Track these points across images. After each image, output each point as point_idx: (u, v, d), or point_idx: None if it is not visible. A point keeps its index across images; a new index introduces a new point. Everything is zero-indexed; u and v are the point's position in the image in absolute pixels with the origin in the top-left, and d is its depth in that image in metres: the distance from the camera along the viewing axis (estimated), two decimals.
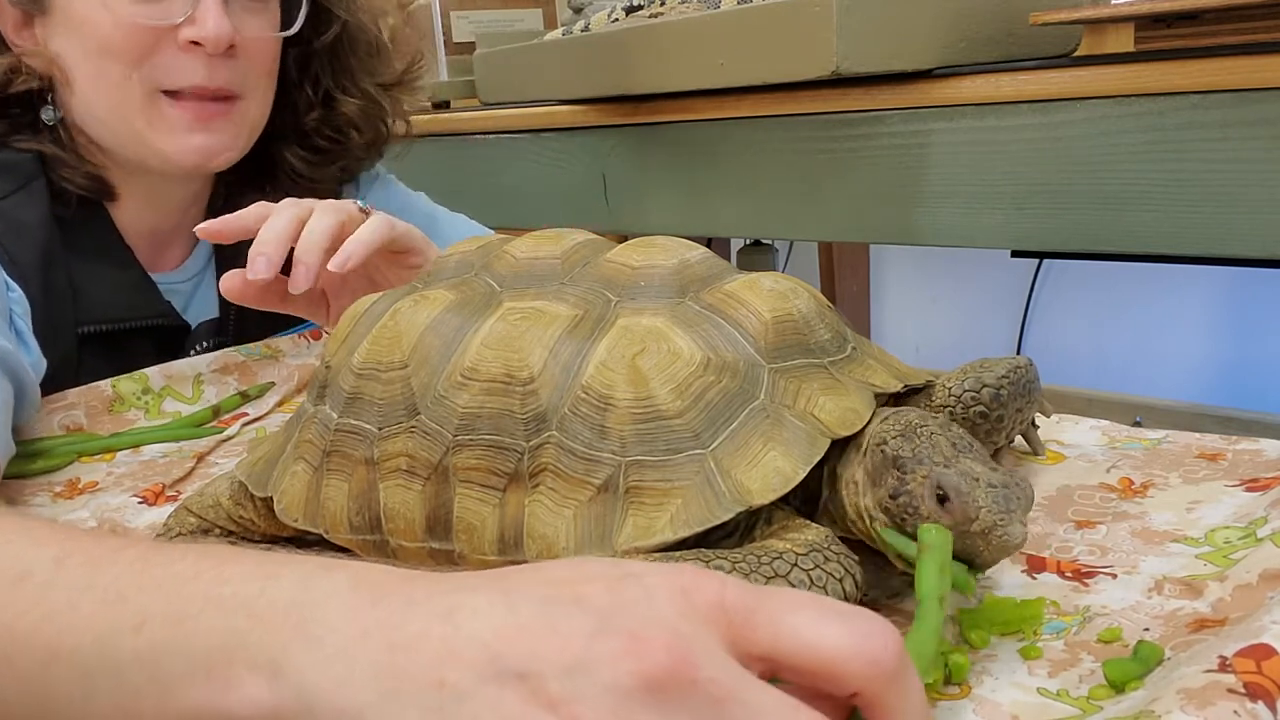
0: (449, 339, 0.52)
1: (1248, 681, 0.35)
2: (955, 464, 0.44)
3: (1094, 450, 0.65)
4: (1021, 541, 0.42)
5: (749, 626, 0.32)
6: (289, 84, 1.01)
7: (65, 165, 0.90)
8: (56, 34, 0.89)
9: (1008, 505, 0.42)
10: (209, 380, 0.90)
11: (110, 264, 0.94)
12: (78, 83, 0.89)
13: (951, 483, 0.43)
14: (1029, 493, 0.44)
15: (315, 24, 0.99)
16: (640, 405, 0.46)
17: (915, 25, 0.99)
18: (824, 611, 0.32)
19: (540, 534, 0.46)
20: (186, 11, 0.86)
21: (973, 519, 0.42)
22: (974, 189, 1.01)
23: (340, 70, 1.03)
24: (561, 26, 1.48)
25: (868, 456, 0.47)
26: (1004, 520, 0.42)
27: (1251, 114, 0.83)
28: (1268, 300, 1.63)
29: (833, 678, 0.31)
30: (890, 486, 0.45)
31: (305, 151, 1.03)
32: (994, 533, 0.42)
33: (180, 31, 0.86)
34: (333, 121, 1.03)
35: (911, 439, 0.45)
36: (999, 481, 0.43)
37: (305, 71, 1.01)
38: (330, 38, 1.00)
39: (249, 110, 0.94)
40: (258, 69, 0.93)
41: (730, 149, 1.20)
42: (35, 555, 0.38)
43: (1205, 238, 0.88)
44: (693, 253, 0.54)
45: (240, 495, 0.60)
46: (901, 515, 0.44)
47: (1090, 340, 1.83)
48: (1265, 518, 0.52)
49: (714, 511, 0.44)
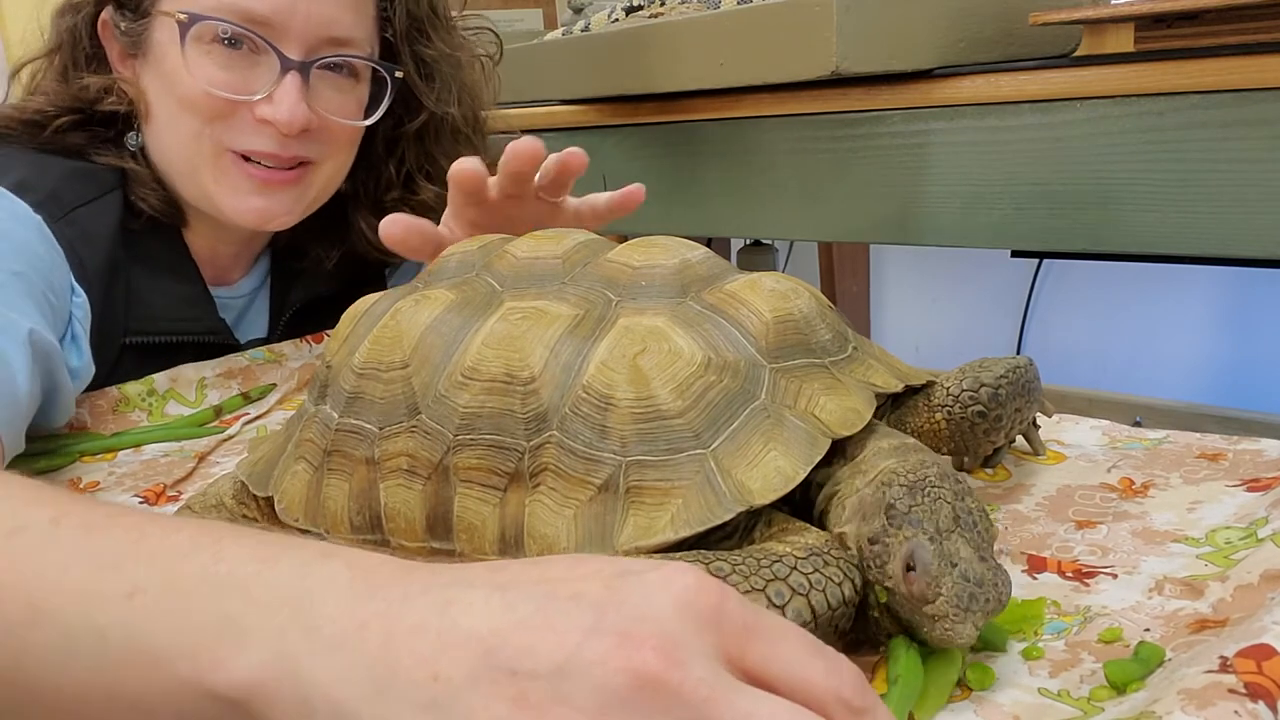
0: (450, 339, 0.52)
1: (1248, 682, 0.35)
2: (943, 541, 0.42)
3: (1094, 450, 0.65)
4: (968, 643, 0.41)
5: (744, 642, 0.32)
6: (375, 159, 1.02)
7: (143, 186, 0.92)
8: (149, 74, 0.91)
9: (969, 604, 0.41)
10: (212, 384, 0.91)
11: (174, 278, 0.95)
12: (157, 121, 0.91)
13: (924, 559, 0.41)
14: (1004, 595, 0.42)
15: (406, 109, 1.00)
16: (641, 405, 0.46)
17: (915, 25, 0.99)
18: (810, 647, 0.33)
19: (541, 534, 0.46)
20: (266, 89, 0.87)
21: (929, 601, 0.41)
22: (974, 189, 1.01)
23: (424, 155, 1.04)
24: (561, 26, 1.48)
25: (870, 489, 0.45)
26: (957, 617, 0.40)
27: (1251, 114, 0.83)
28: (1268, 300, 1.63)
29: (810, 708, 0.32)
30: (874, 530, 0.43)
31: (379, 222, 1.04)
32: (941, 623, 0.41)
33: (257, 108, 0.87)
34: (410, 202, 1.03)
35: (916, 495, 0.43)
36: (975, 576, 0.41)
37: (392, 151, 1.03)
38: (418, 125, 1.01)
39: (318, 177, 0.94)
40: (335, 142, 0.94)
41: (730, 149, 1.20)
42: (31, 513, 0.38)
43: (1205, 238, 0.88)
44: (694, 252, 0.54)
45: (243, 494, 0.60)
46: (871, 562, 0.43)
47: (1090, 340, 1.83)
48: (1266, 518, 0.52)
49: (715, 511, 0.44)
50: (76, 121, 0.92)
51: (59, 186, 0.87)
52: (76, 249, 0.85)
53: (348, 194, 1.02)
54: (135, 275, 0.91)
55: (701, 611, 0.32)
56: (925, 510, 0.43)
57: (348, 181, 1.01)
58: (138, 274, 0.92)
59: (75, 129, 0.92)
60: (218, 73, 0.86)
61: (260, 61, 0.87)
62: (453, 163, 1.02)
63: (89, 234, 0.87)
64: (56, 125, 0.91)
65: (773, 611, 0.40)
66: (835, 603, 0.41)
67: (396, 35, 0.96)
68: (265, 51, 0.86)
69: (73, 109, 0.92)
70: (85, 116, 0.92)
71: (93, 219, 0.88)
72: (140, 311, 0.92)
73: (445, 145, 1.04)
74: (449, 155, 1.03)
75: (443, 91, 1.01)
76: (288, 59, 0.86)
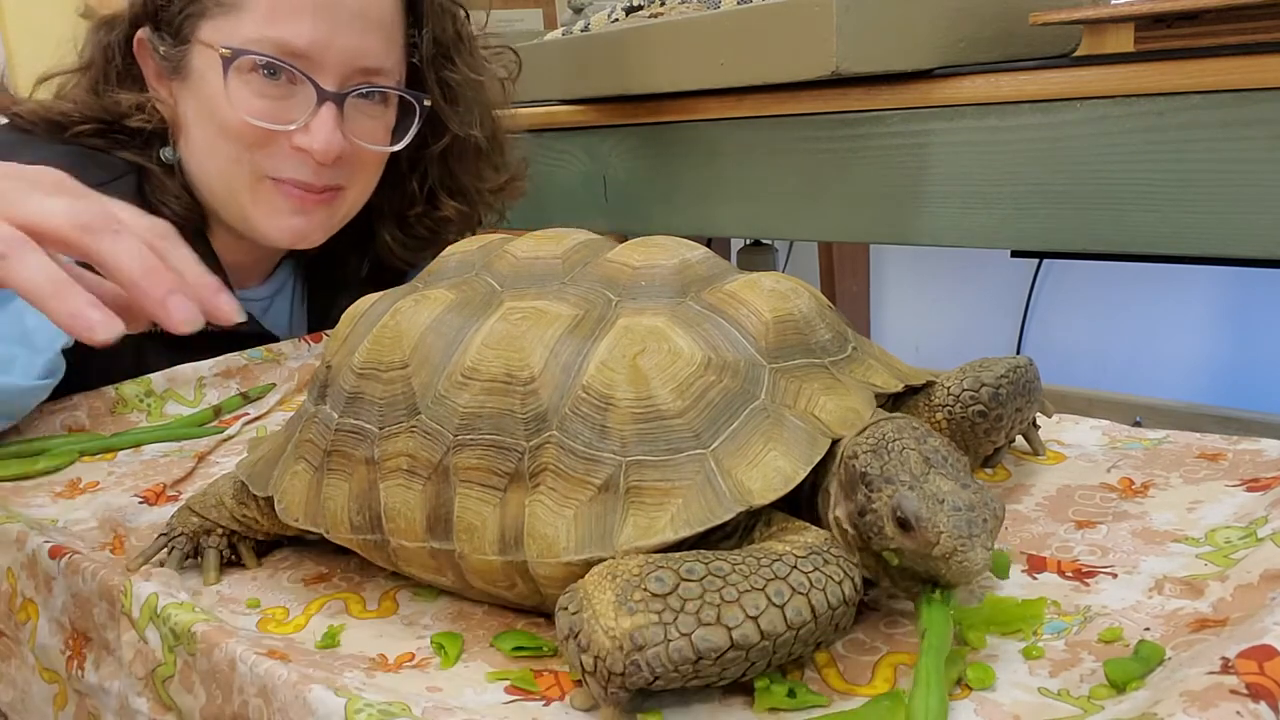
0: (450, 339, 0.52)
1: (1250, 682, 0.35)
2: (922, 484, 0.43)
3: (1094, 450, 0.65)
4: (985, 565, 0.42)
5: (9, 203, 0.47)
6: (399, 176, 1.05)
7: (166, 192, 0.94)
8: (187, 97, 0.93)
9: (970, 530, 0.42)
10: (211, 384, 0.91)
11: None
12: (193, 142, 0.93)
13: (911, 508, 0.42)
14: (998, 513, 0.43)
15: (431, 130, 1.02)
16: (641, 405, 0.46)
17: (915, 25, 0.99)
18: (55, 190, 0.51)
19: (541, 534, 0.46)
20: (303, 120, 0.89)
21: (933, 544, 0.42)
22: (974, 189, 1.01)
23: (447, 174, 1.07)
24: (561, 26, 1.48)
25: (841, 469, 0.46)
26: (964, 546, 0.41)
27: (1251, 114, 0.83)
28: (1268, 300, 1.63)
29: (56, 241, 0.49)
30: (859, 503, 0.45)
31: (404, 236, 1.08)
32: (954, 558, 0.42)
33: (294, 137, 0.89)
34: (433, 217, 1.07)
35: (882, 455, 0.45)
36: (964, 503, 0.42)
37: (415, 169, 1.06)
38: (442, 146, 1.04)
39: (347, 199, 0.97)
40: (365, 167, 0.97)
41: (730, 149, 1.20)
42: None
43: (1205, 238, 0.88)
44: (693, 252, 0.54)
45: (243, 494, 0.60)
46: (867, 534, 0.44)
47: (1090, 340, 1.83)
48: (1266, 517, 0.52)
49: (714, 511, 0.44)
50: (99, 130, 0.94)
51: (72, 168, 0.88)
52: None
53: (373, 207, 1.05)
54: None
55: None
56: (895, 464, 0.44)
57: (373, 196, 1.03)
58: None
59: (97, 135, 0.94)
60: (256, 102, 0.88)
61: (296, 92, 0.89)
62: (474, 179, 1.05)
63: None
64: (78, 130, 0.93)
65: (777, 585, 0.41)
66: (835, 601, 0.41)
67: (423, 61, 0.99)
68: (302, 83, 0.88)
69: (99, 119, 0.93)
70: (110, 127, 0.94)
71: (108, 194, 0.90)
72: None
73: (468, 163, 1.07)
74: (470, 173, 1.08)
75: (466, 114, 1.04)
76: (324, 90, 0.89)
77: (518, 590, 0.49)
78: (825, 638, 0.42)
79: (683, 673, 0.39)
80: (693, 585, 0.40)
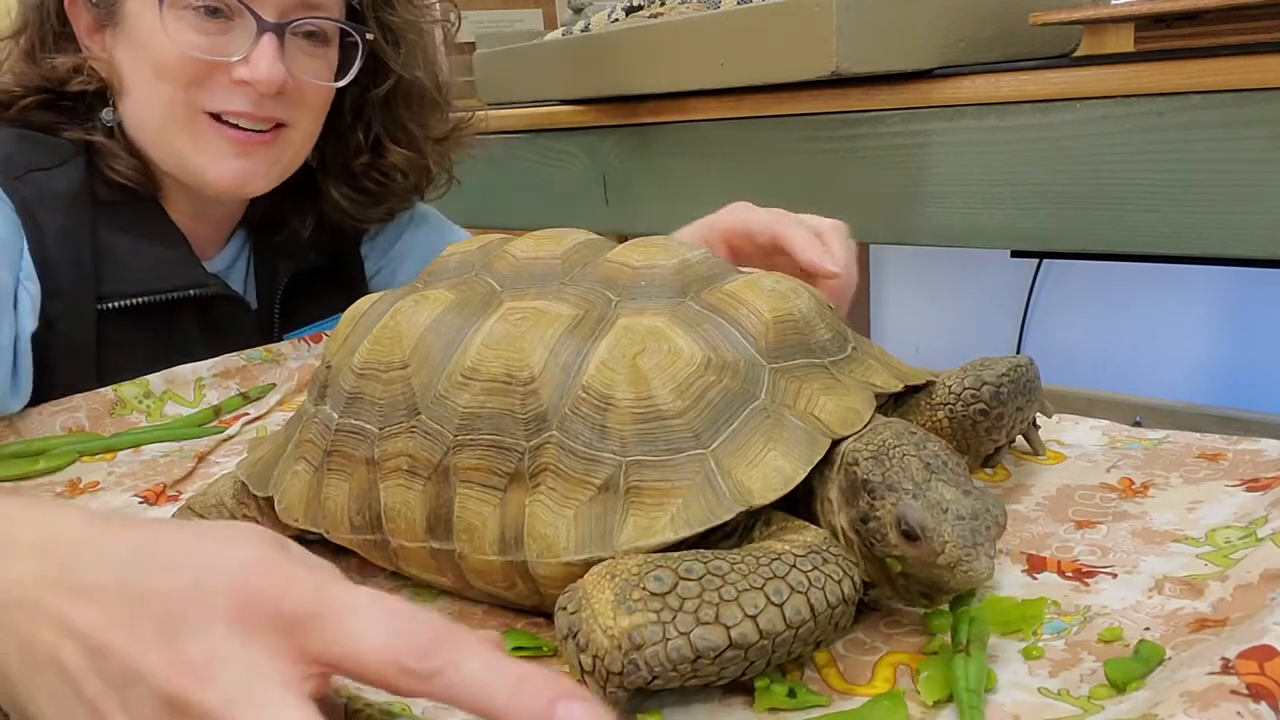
0: (450, 339, 0.52)
1: (1250, 683, 0.35)
2: (925, 491, 0.43)
3: (1094, 450, 0.65)
4: (988, 574, 0.42)
5: (306, 632, 0.34)
6: (343, 126, 1.03)
7: (115, 157, 0.92)
8: (121, 45, 0.91)
9: (974, 539, 0.42)
10: (210, 384, 0.91)
11: (156, 241, 0.95)
12: (132, 94, 0.92)
13: (916, 518, 0.42)
14: (1000, 520, 0.43)
15: (372, 74, 1.01)
16: (641, 405, 0.46)
17: (915, 25, 0.99)
18: (375, 616, 0.34)
19: (541, 534, 0.46)
20: (244, 51, 0.88)
21: (938, 553, 0.42)
22: (974, 189, 1.01)
23: (392, 121, 1.05)
24: (561, 26, 1.48)
25: (841, 475, 0.46)
26: (969, 556, 0.42)
27: (1251, 114, 0.83)
28: (1268, 300, 1.63)
29: (375, 683, 0.34)
30: (861, 510, 0.45)
31: (352, 191, 1.06)
32: (959, 568, 0.42)
33: (234, 69, 0.88)
34: (380, 166, 1.06)
35: (883, 462, 0.45)
36: (968, 511, 0.42)
37: (359, 117, 1.04)
38: (385, 89, 1.03)
39: (292, 140, 0.96)
40: (306, 105, 0.95)
41: (730, 149, 1.20)
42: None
43: (1205, 238, 0.88)
44: (693, 252, 0.54)
45: (243, 494, 0.60)
46: (871, 540, 0.44)
47: (1090, 340, 1.83)
48: (1266, 517, 0.52)
49: (714, 511, 0.44)
50: (44, 101, 0.93)
51: (13, 152, 0.89)
52: (31, 209, 0.86)
53: (317, 164, 1.04)
54: (111, 240, 0.92)
55: (259, 615, 0.34)
56: (896, 471, 0.44)
57: (316, 150, 1.02)
58: (114, 239, 0.92)
59: (42, 108, 0.93)
60: (194, 36, 0.87)
61: (235, 25, 0.88)
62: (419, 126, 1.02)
63: (45, 194, 0.88)
64: (23, 105, 0.92)
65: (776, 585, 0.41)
66: (834, 600, 0.41)
67: (363, 2, 0.98)
68: (240, 14, 0.88)
69: (40, 89, 0.92)
70: (53, 96, 0.93)
71: (52, 181, 0.89)
72: (118, 275, 0.91)
73: (414, 110, 1.06)
74: (416, 120, 1.06)
75: (408, 56, 1.03)
76: (264, 20, 0.88)
77: (517, 590, 0.49)
78: (825, 637, 0.42)
79: (681, 672, 0.39)
80: (691, 584, 0.40)
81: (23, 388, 0.85)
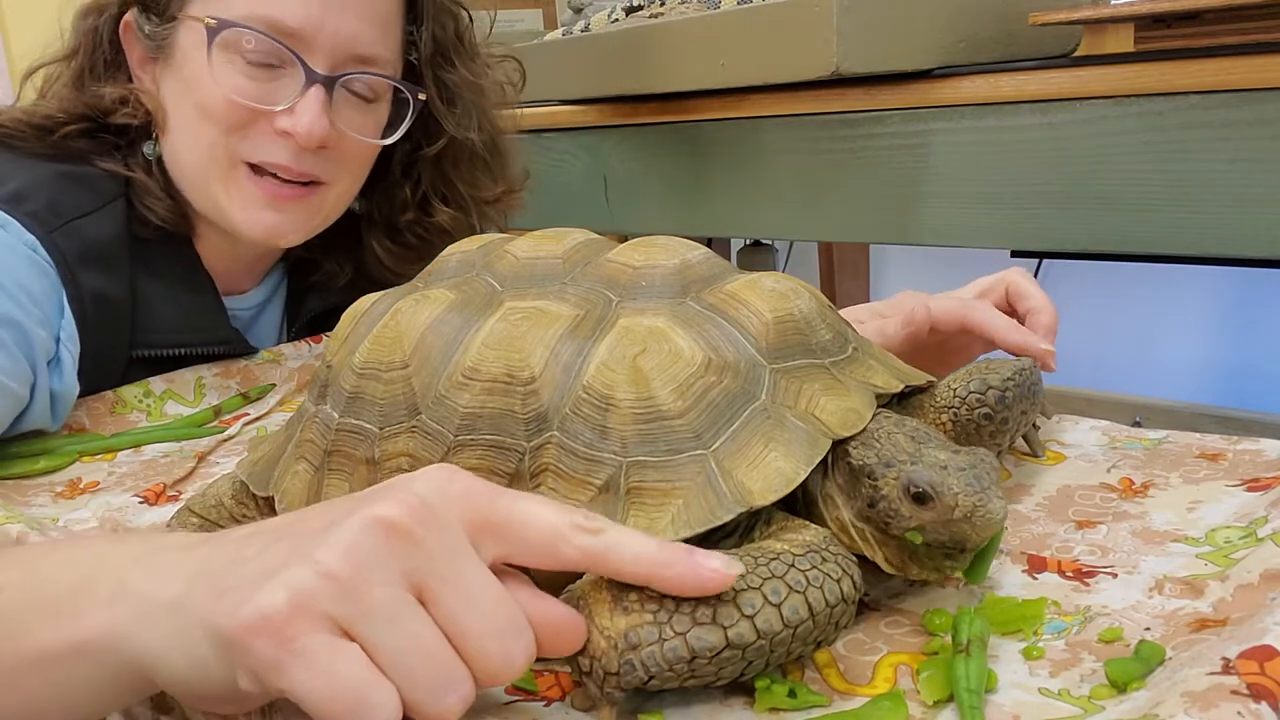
0: (450, 339, 0.52)
1: (1251, 683, 0.35)
2: (920, 457, 0.45)
3: (1094, 450, 0.65)
4: (1003, 514, 0.44)
5: (489, 509, 0.39)
6: (391, 181, 1.01)
7: (152, 195, 0.91)
8: (169, 80, 0.90)
9: (980, 484, 0.44)
10: (211, 385, 0.91)
11: (186, 288, 0.94)
12: (174, 132, 0.90)
13: (923, 478, 0.44)
14: (994, 464, 0.45)
15: (425, 132, 0.99)
16: (641, 405, 0.46)
17: (915, 25, 0.99)
18: (544, 501, 0.41)
19: None
20: (290, 101, 0.86)
21: (953, 507, 0.43)
22: (974, 189, 1.01)
23: (441, 179, 1.03)
24: (561, 26, 1.48)
25: (837, 473, 0.48)
26: (982, 500, 0.43)
27: (1251, 114, 0.83)
28: (1268, 300, 1.63)
29: (553, 544, 0.39)
30: (866, 496, 0.46)
31: (394, 245, 1.04)
32: (976, 514, 0.43)
33: (277, 119, 0.86)
34: (426, 224, 1.03)
35: (872, 445, 0.47)
36: (965, 463, 0.44)
37: (408, 174, 1.02)
38: (436, 149, 1.00)
39: (328, 197, 0.93)
40: (347, 162, 0.93)
41: (730, 149, 1.20)
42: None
43: (1205, 238, 0.88)
44: (694, 253, 0.54)
45: (243, 495, 0.60)
46: (883, 521, 0.46)
47: (1090, 340, 1.83)
48: (1266, 517, 0.52)
49: (715, 512, 0.44)
50: (84, 130, 0.91)
51: (57, 197, 0.86)
52: (72, 265, 0.84)
53: (362, 214, 1.02)
54: (145, 286, 0.90)
55: (454, 493, 0.39)
56: (889, 448, 0.46)
57: (362, 201, 1.01)
58: (148, 285, 0.90)
59: (83, 137, 0.91)
60: (241, 81, 0.85)
61: (284, 74, 0.86)
62: (470, 186, 1.01)
63: (89, 247, 0.85)
64: (64, 132, 0.90)
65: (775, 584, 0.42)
66: (834, 599, 0.41)
67: (421, 59, 0.96)
68: (290, 64, 0.86)
69: (84, 117, 0.91)
70: (95, 126, 0.91)
71: (93, 229, 0.87)
72: (150, 324, 0.90)
73: (463, 170, 1.03)
74: (466, 180, 1.03)
75: (463, 117, 1.00)
76: (313, 72, 0.86)
77: None
78: (825, 636, 0.42)
79: (678, 672, 0.39)
80: None
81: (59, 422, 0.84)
